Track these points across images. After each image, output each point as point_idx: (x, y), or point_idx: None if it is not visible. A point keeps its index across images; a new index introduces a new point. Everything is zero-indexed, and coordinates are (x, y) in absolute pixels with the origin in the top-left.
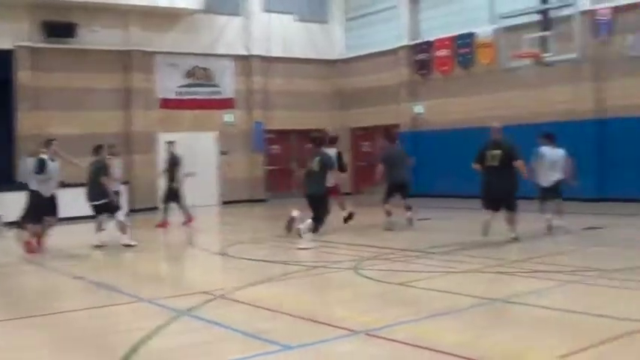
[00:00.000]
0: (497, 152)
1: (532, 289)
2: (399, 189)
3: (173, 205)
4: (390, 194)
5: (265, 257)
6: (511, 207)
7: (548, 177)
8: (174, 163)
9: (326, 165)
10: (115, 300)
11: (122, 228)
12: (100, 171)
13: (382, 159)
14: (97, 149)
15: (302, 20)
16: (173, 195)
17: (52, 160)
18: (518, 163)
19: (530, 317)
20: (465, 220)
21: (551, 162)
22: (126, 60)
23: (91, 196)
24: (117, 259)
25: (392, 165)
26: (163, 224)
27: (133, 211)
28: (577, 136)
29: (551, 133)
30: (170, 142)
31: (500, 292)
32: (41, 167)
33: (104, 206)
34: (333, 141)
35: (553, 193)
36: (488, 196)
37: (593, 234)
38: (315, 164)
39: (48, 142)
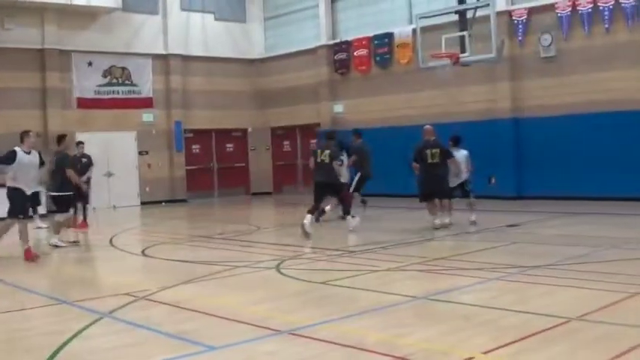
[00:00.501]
0: (437, 150)
1: (454, 286)
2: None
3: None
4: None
5: (187, 257)
6: (448, 195)
7: (452, 177)
8: (89, 164)
9: (334, 157)
10: (34, 302)
11: (58, 228)
12: (63, 162)
13: (355, 151)
14: (61, 139)
15: (221, 19)
16: (85, 196)
17: (27, 153)
18: (452, 160)
19: (453, 314)
20: (386, 218)
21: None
22: (42, 59)
23: (52, 187)
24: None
25: (363, 158)
26: (83, 225)
27: (49, 211)
28: (495, 136)
29: (457, 136)
30: (80, 143)
31: (423, 290)
32: (7, 158)
33: (64, 199)
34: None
35: (461, 191)
36: (429, 188)
37: (513, 231)
38: (326, 156)
39: (24, 133)
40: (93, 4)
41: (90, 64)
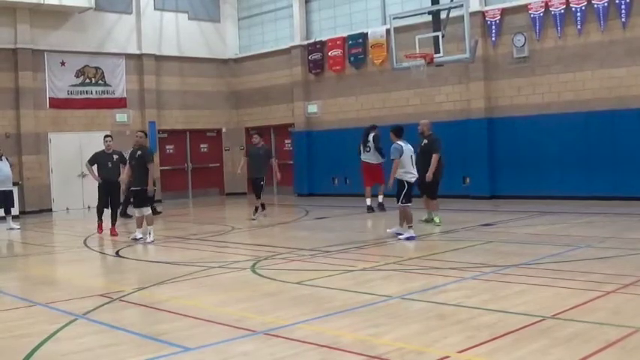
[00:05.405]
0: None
1: (429, 285)
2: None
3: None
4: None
5: (161, 258)
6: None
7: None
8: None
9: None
10: (8, 305)
11: (150, 221)
12: (148, 157)
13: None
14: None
15: (195, 19)
16: None
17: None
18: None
19: (428, 313)
20: (360, 218)
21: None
22: (15, 58)
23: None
24: (6, 262)
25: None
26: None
27: (23, 213)
28: (469, 135)
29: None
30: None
31: (398, 289)
32: None
33: (141, 195)
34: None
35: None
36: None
37: (488, 231)
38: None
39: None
40: (65, 4)
41: (63, 63)
